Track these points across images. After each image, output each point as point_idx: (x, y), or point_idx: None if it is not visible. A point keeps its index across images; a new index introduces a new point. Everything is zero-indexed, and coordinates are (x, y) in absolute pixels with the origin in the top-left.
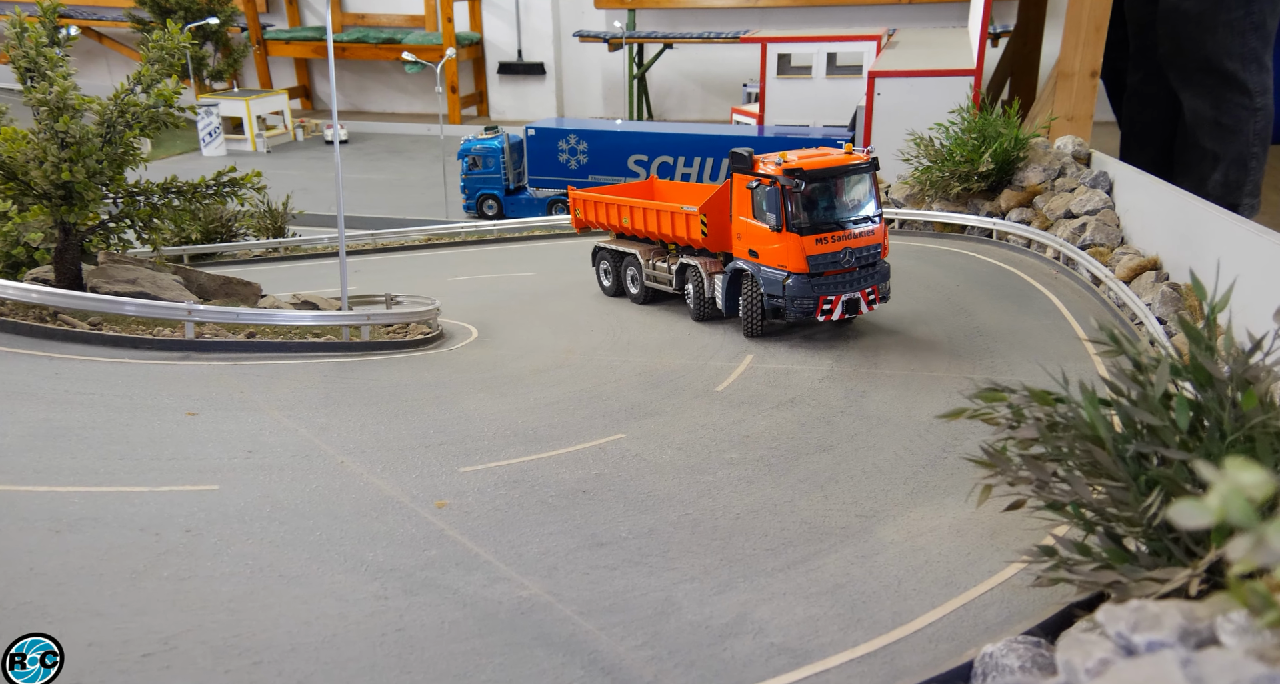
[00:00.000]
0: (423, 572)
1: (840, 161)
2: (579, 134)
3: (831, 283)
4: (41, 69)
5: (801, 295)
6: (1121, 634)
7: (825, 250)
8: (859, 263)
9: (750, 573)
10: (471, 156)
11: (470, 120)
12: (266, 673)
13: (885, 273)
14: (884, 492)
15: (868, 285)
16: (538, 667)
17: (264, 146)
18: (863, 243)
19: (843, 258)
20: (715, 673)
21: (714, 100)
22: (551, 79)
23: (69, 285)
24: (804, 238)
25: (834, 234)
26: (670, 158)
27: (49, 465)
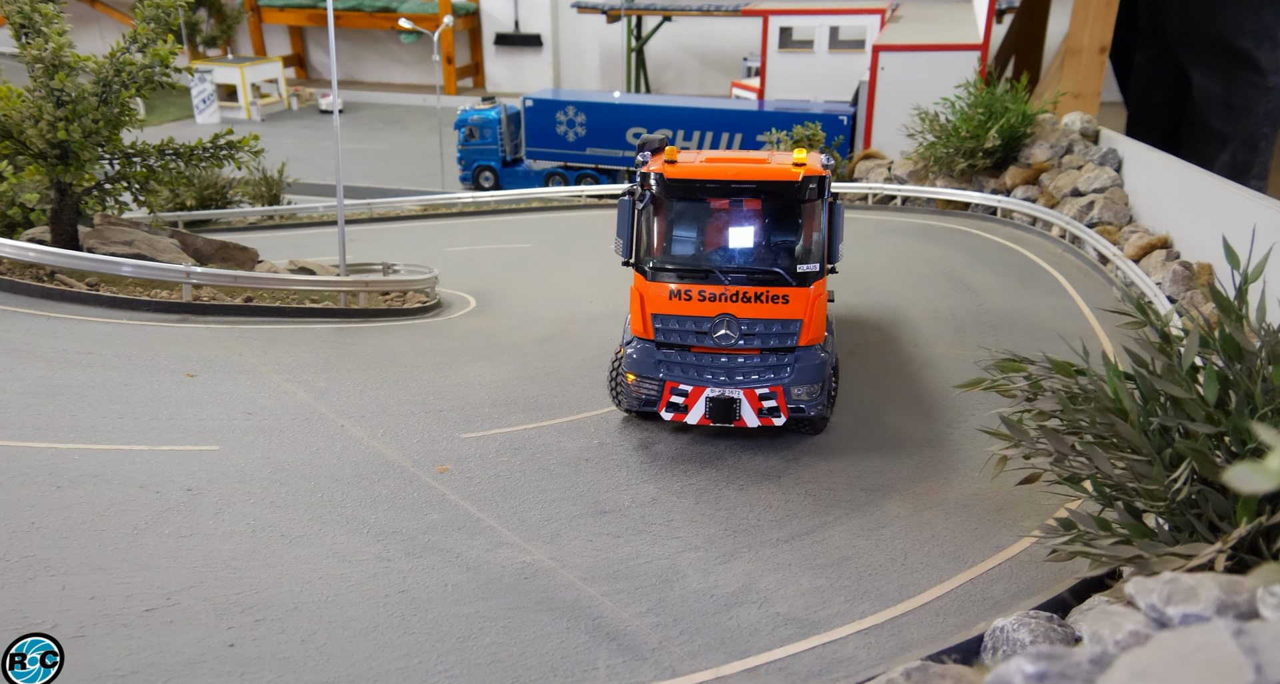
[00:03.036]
0: (425, 535)
1: (744, 174)
2: (577, 106)
3: (694, 365)
4: (36, 25)
5: (641, 373)
6: (1154, 606)
7: (684, 310)
8: (747, 344)
9: (755, 543)
10: (468, 127)
11: (466, 91)
12: (269, 630)
13: (811, 371)
14: (889, 466)
15: (762, 383)
16: (541, 631)
17: (258, 114)
18: (758, 313)
19: (714, 330)
20: (721, 641)
21: (712, 75)
22: (548, 51)
23: (65, 246)
24: (653, 285)
25: (705, 289)
26: (670, 131)
27: (49, 422)
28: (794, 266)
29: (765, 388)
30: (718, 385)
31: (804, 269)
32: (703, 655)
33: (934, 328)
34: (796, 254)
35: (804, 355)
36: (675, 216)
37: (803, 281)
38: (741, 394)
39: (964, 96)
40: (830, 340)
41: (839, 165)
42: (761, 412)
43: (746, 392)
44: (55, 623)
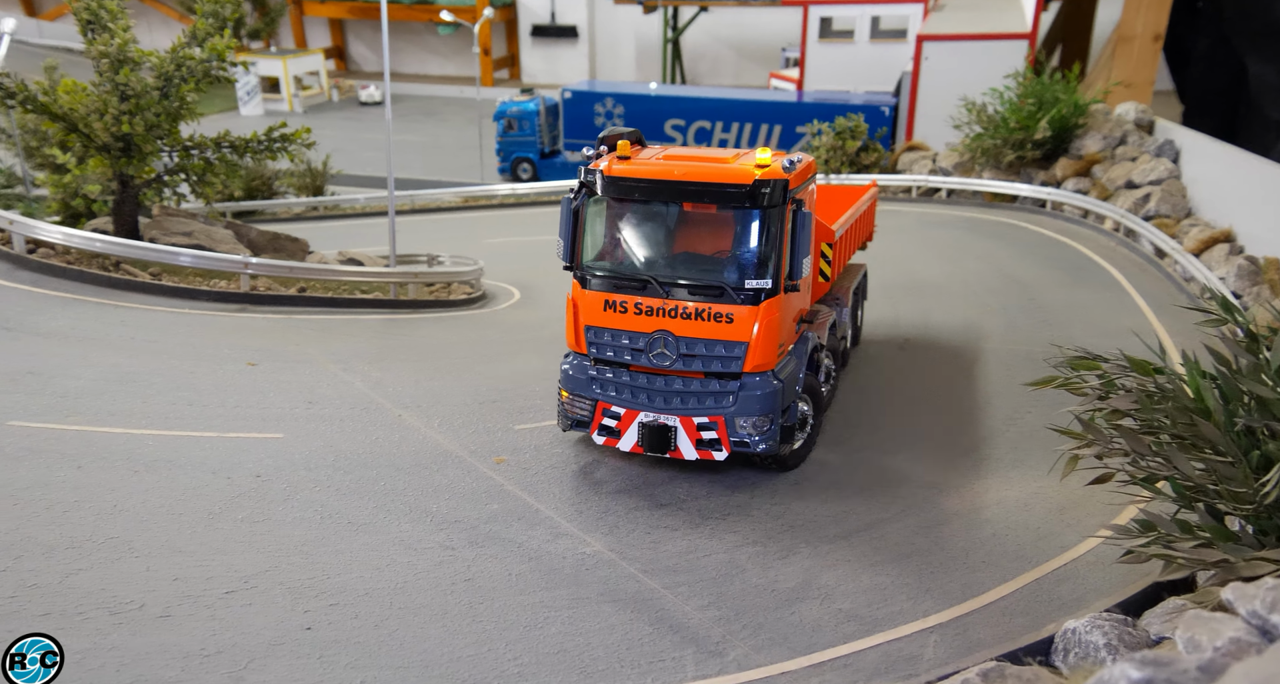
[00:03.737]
0: (486, 525)
1: (692, 174)
2: (615, 97)
3: (628, 385)
4: (103, 21)
5: (573, 390)
6: (1256, 613)
7: (619, 324)
8: (686, 366)
9: (813, 539)
10: (507, 119)
11: (502, 83)
12: (343, 615)
13: (756, 401)
14: (945, 463)
15: (701, 411)
16: (605, 621)
17: (300, 106)
18: (699, 332)
19: (650, 348)
20: (784, 636)
21: (748, 66)
22: (584, 42)
23: (126, 236)
24: (588, 293)
25: (642, 301)
26: (708, 123)
27: (122, 408)
28: (742, 281)
29: (705, 417)
30: (653, 410)
31: (753, 285)
32: (767, 650)
33: (983, 322)
34: (745, 268)
35: (750, 383)
36: (614, 218)
37: (752, 299)
38: (678, 422)
39: (1012, 87)
40: (794, 363)
41: (881, 157)
42: (700, 443)
43: (683, 419)
44: (143, 603)
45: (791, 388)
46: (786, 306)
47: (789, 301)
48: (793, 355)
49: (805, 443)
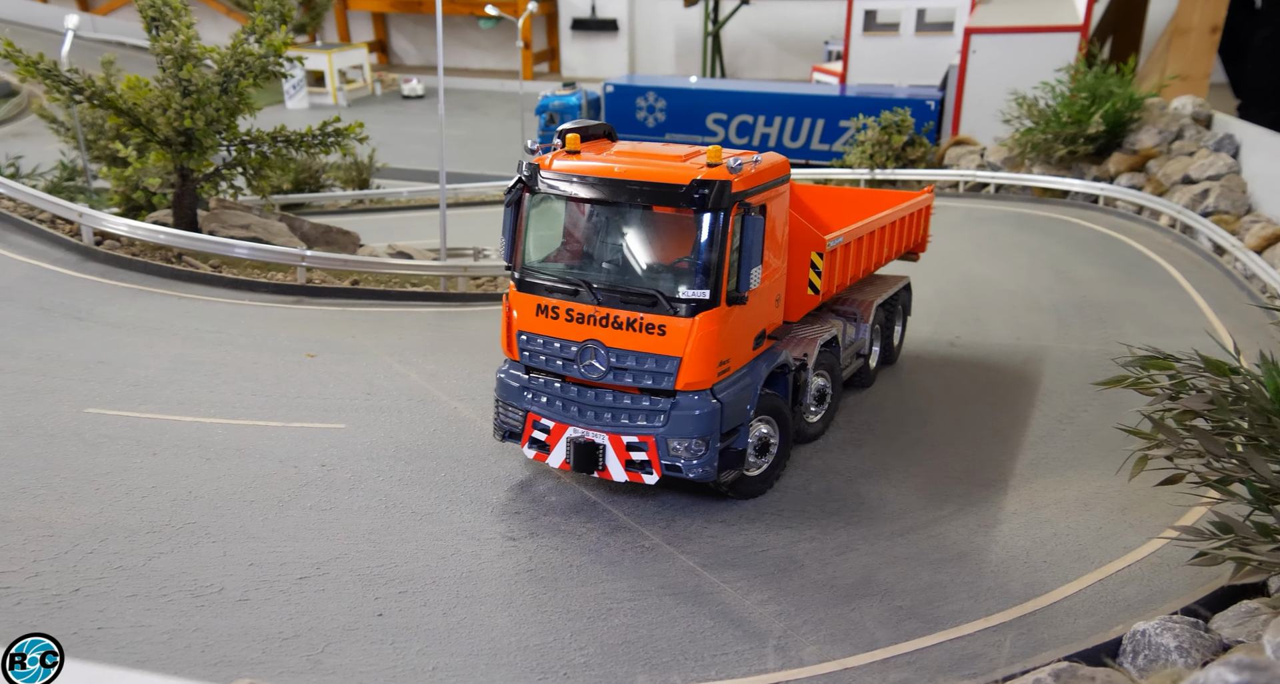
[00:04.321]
0: (545, 517)
1: (629, 172)
2: (657, 91)
3: (559, 396)
4: (167, 18)
5: (506, 398)
6: None
7: (551, 330)
8: (616, 379)
9: (870, 536)
10: (549, 112)
11: (542, 76)
12: (412, 602)
13: (689, 422)
14: (1000, 461)
15: (632, 429)
16: (667, 614)
17: (344, 100)
18: (629, 344)
19: (581, 358)
20: (845, 632)
21: (789, 59)
22: (624, 35)
23: (185, 229)
24: (522, 296)
25: (574, 307)
26: (750, 117)
27: (190, 398)
28: (676, 291)
29: (634, 435)
30: (582, 425)
31: (689, 295)
32: (828, 646)
33: (1035, 320)
34: (681, 276)
35: (685, 402)
36: (550, 218)
37: (687, 311)
38: (607, 440)
39: (1064, 80)
40: (744, 383)
41: (928, 151)
42: (629, 464)
43: (612, 437)
44: (222, 586)
45: (739, 410)
46: (731, 320)
47: (736, 315)
48: (746, 374)
49: (769, 469)
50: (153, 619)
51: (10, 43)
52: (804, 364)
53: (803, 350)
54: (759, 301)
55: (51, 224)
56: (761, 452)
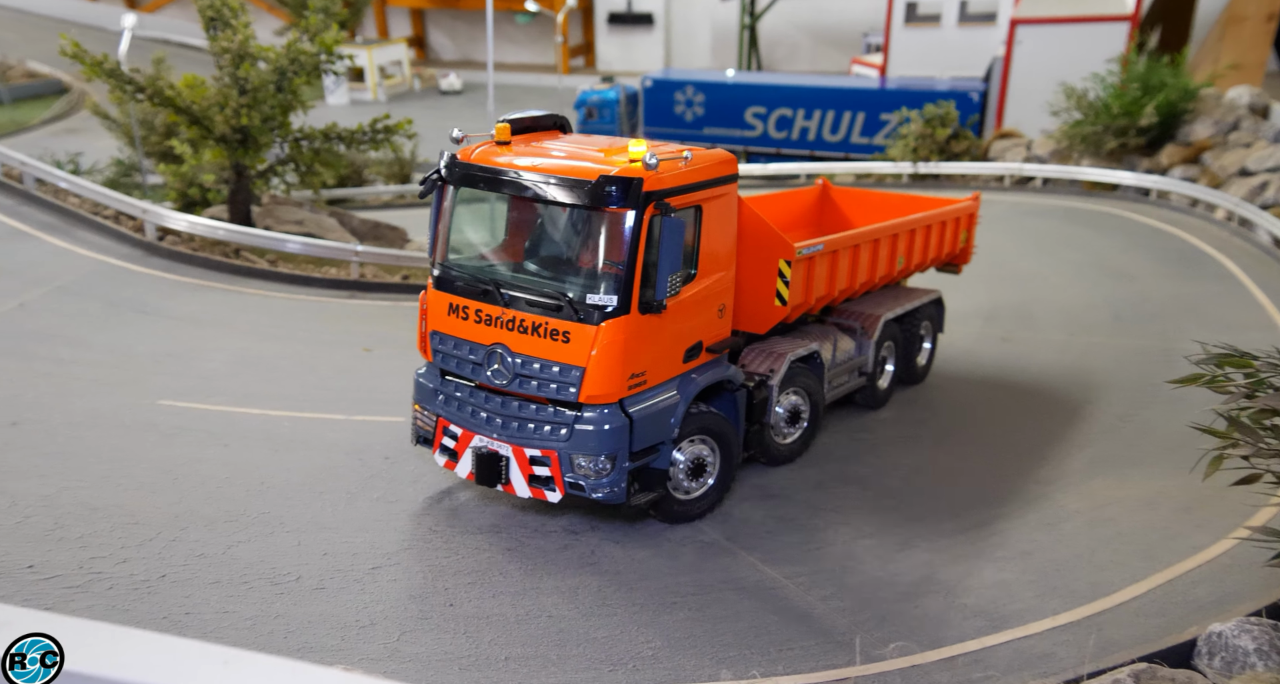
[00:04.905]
0: (605, 511)
1: (537, 166)
2: (696, 85)
3: (469, 402)
4: (225, 18)
5: (420, 401)
6: None
7: (461, 332)
8: (521, 387)
9: (929, 533)
10: (588, 107)
11: (577, 71)
12: (481, 593)
13: (593, 439)
14: (1059, 459)
15: (536, 441)
16: (731, 608)
17: (384, 95)
18: (534, 350)
19: (488, 363)
20: (910, 629)
21: (826, 52)
22: (659, 29)
23: (240, 224)
24: (437, 294)
25: (483, 308)
26: (789, 110)
27: (256, 391)
28: (583, 296)
29: (537, 449)
30: (487, 433)
31: (595, 301)
32: (894, 643)
33: (1089, 316)
34: (587, 280)
35: (590, 416)
36: (463, 213)
37: (593, 317)
38: (511, 451)
39: (1115, 71)
40: (666, 399)
41: (972, 145)
42: (533, 479)
43: (515, 449)
44: (299, 575)
45: (658, 427)
46: (646, 330)
47: (652, 324)
48: (673, 389)
49: (706, 494)
50: (236, 605)
51: (77, 44)
52: (762, 381)
53: (768, 365)
54: (691, 311)
55: (116, 220)
56: (695, 474)
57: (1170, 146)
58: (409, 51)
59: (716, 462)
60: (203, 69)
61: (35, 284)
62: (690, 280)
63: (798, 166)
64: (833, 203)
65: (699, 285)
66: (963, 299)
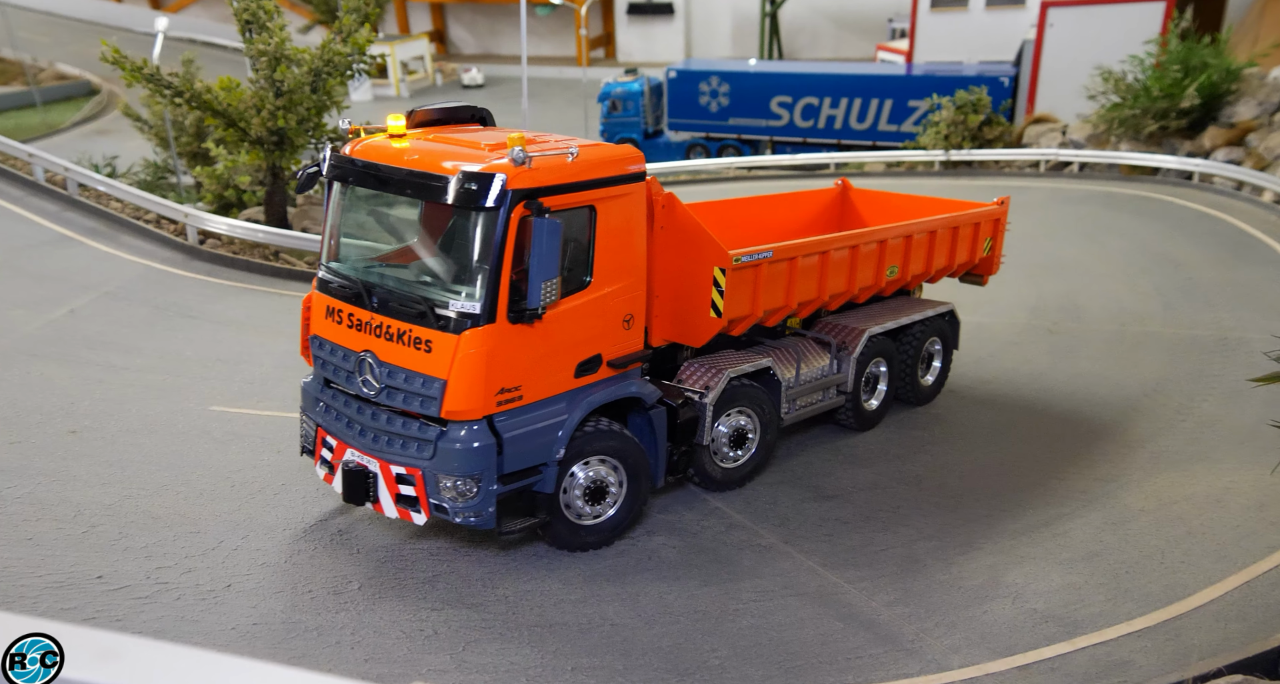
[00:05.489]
0: (659, 514)
1: (401, 160)
2: (720, 75)
3: (345, 412)
4: (261, 21)
5: (304, 407)
6: None
7: (336, 336)
8: (389, 399)
9: (992, 534)
10: (612, 100)
11: (597, 62)
12: (543, 600)
13: (456, 458)
14: (1118, 455)
15: (402, 458)
16: (794, 615)
17: (406, 91)
18: (398, 359)
19: (359, 370)
20: (980, 636)
21: (849, 38)
22: (680, 19)
23: (277, 225)
24: (319, 295)
25: (355, 313)
26: (815, 99)
27: None
28: (446, 302)
29: (403, 466)
30: (358, 446)
31: (458, 308)
32: (964, 651)
33: (1138, 305)
34: (451, 285)
35: (454, 434)
36: (347, 209)
37: (455, 326)
38: (378, 467)
39: (1153, 53)
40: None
41: (1006, 131)
42: (399, 498)
43: (383, 465)
44: (360, 583)
45: (535, 448)
46: (518, 342)
47: (525, 335)
48: (560, 406)
49: (608, 521)
50: (300, 615)
51: (117, 50)
52: (689, 400)
53: (704, 382)
54: (583, 322)
55: (157, 224)
56: (596, 498)
57: (1213, 128)
58: (430, 46)
59: (622, 486)
60: (228, 67)
61: (83, 290)
62: (584, 288)
63: (826, 156)
64: (851, 204)
65: (594, 294)
66: (1005, 290)
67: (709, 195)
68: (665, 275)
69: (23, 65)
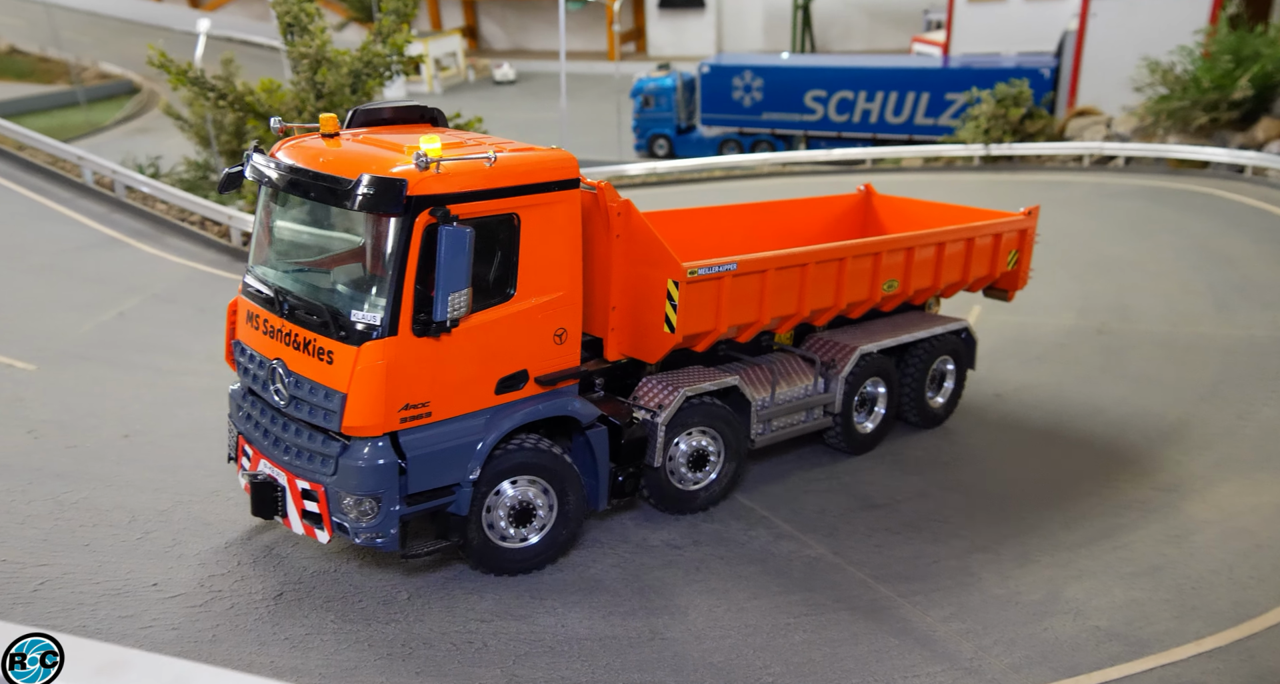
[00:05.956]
0: (706, 523)
1: (310, 162)
2: (754, 70)
3: (260, 421)
4: (303, 24)
5: (230, 413)
6: None
7: (253, 342)
8: (297, 410)
9: (1049, 546)
10: (644, 95)
11: (628, 56)
12: (591, 613)
13: (355, 476)
14: (1177, 463)
15: (308, 472)
16: (847, 630)
17: (439, 87)
18: (304, 369)
19: (271, 378)
20: (1041, 654)
21: (882, 30)
22: (711, 12)
23: None
24: (243, 299)
25: (269, 319)
26: (850, 93)
27: None
28: (348, 312)
29: (308, 481)
30: (269, 457)
31: (359, 319)
32: (1026, 669)
33: (1190, 304)
34: (353, 294)
35: (355, 450)
36: (266, 211)
37: (356, 337)
38: (286, 481)
39: (1202, 42)
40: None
41: (1048, 124)
42: (305, 514)
43: (290, 478)
44: (409, 595)
45: (447, 467)
46: (425, 355)
47: (433, 349)
48: (478, 424)
49: (538, 545)
50: (351, 626)
51: (164, 54)
52: (633, 420)
53: (658, 401)
54: (504, 336)
55: (202, 226)
56: (522, 521)
57: (1266, 120)
58: (462, 42)
59: (552, 509)
60: (263, 65)
61: (132, 292)
62: (507, 300)
63: (863, 151)
64: (874, 212)
65: (518, 306)
66: (1051, 290)
67: (742, 192)
68: (624, 287)
69: (67, 65)
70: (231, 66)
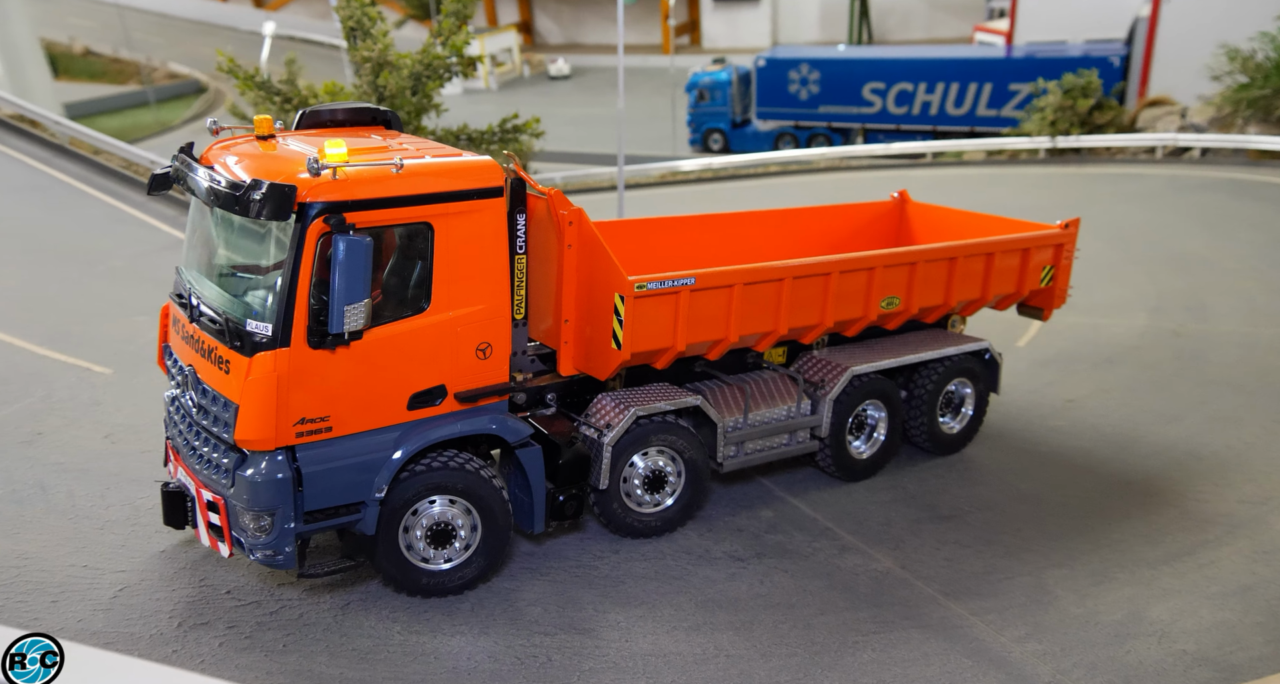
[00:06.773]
0: (768, 535)
1: (220, 164)
2: (811, 63)
3: (180, 428)
4: (365, 28)
5: (166, 416)
6: None
7: (176, 347)
8: (204, 418)
9: (1128, 562)
10: (699, 89)
11: (682, 49)
12: (655, 627)
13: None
14: (1264, 474)
15: (212, 484)
16: (918, 650)
17: (495, 83)
18: (209, 378)
19: (186, 385)
20: (1125, 680)
21: (942, 18)
22: (765, 4)
23: None
24: (173, 303)
25: (186, 325)
26: (909, 85)
27: None
28: (244, 320)
29: (211, 493)
30: (186, 466)
31: (252, 328)
32: None
33: (1272, 304)
34: (248, 302)
35: (250, 463)
36: (191, 213)
37: (250, 347)
38: (194, 489)
39: None
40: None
41: (1118, 115)
42: (211, 527)
43: (198, 489)
44: (471, 604)
45: (349, 485)
46: (324, 367)
47: (331, 361)
48: (387, 440)
49: (459, 567)
50: (417, 637)
51: (232, 60)
52: (575, 439)
53: (606, 420)
54: (416, 350)
55: None
56: (441, 542)
57: None
58: (518, 38)
59: (475, 530)
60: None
61: None
62: (420, 312)
63: (923, 145)
64: (908, 220)
65: (432, 319)
66: (1122, 289)
67: (798, 188)
68: (576, 299)
69: (138, 65)
70: (294, 67)
